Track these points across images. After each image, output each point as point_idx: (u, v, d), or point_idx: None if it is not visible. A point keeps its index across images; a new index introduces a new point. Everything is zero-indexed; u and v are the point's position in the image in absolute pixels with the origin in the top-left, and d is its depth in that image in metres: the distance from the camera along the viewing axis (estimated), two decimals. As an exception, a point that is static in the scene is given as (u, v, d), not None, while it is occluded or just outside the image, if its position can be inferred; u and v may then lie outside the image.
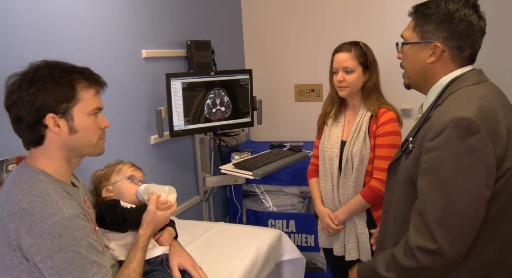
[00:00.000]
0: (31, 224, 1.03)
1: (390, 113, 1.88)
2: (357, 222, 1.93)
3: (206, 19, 2.85)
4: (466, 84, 1.19)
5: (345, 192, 1.93)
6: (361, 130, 1.90)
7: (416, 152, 1.18)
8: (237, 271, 1.77)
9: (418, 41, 1.24)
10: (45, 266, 1.03)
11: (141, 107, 2.26)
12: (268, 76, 3.26)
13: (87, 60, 1.86)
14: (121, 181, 1.46)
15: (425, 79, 1.27)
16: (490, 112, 1.12)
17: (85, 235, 1.08)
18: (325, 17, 3.05)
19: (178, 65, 2.56)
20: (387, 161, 1.51)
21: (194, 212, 2.73)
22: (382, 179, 1.76)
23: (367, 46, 1.92)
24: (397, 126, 1.87)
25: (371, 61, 1.90)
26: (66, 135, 1.14)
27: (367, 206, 1.90)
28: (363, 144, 1.88)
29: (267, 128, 3.29)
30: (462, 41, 1.19)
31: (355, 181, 1.90)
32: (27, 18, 1.61)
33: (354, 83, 1.89)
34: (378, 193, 1.83)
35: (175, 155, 2.57)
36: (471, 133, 1.07)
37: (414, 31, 1.26)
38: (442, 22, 1.19)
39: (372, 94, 1.91)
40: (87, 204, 1.28)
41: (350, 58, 1.88)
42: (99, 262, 1.09)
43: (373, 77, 1.90)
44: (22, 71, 1.13)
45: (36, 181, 1.10)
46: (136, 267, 1.26)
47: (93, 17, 1.92)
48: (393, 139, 1.85)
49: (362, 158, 1.87)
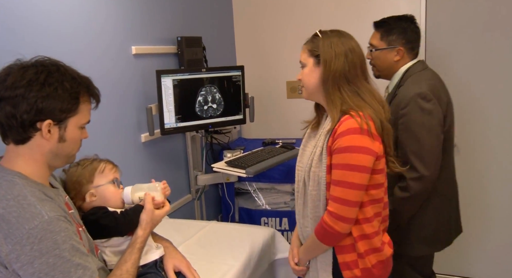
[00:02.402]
0: (7, 231, 0.99)
1: (349, 122, 1.35)
2: (319, 266, 1.49)
3: (197, 15, 2.82)
4: (416, 70, 1.88)
5: (307, 225, 1.51)
6: (319, 144, 1.45)
7: (392, 119, 1.55)
8: (230, 271, 1.75)
9: (387, 47, 1.92)
10: (25, 273, 0.99)
11: (131, 104, 2.22)
12: (260, 73, 3.24)
13: (73, 56, 1.83)
14: (105, 185, 1.37)
15: (390, 70, 1.95)
16: (435, 87, 1.81)
17: (67, 237, 1.03)
18: (317, 12, 3.02)
19: (169, 61, 2.52)
20: (340, 187, 1.34)
21: (186, 211, 2.70)
22: (333, 212, 1.36)
23: (327, 34, 1.48)
24: (356, 139, 1.34)
25: (322, 48, 1.44)
26: (55, 142, 1.12)
27: (322, 246, 1.44)
28: (318, 163, 1.43)
29: (259, 126, 3.26)
30: (413, 44, 1.93)
31: (312, 211, 1.46)
32: (12, 12, 1.56)
33: (306, 80, 1.52)
34: (327, 229, 1.37)
35: (166, 153, 2.54)
36: (427, 100, 1.74)
37: (382, 40, 1.94)
38: (401, 33, 1.90)
39: (333, 90, 1.42)
40: (70, 205, 1.24)
41: (303, 51, 1.54)
42: (83, 265, 1.05)
43: (330, 67, 1.41)
44: (23, 62, 1.10)
45: (11, 184, 1.06)
46: (130, 268, 1.23)
47: (79, 11, 1.87)
48: (348, 157, 1.34)
49: (318, 182, 1.42)
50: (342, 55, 1.41)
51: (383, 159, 1.43)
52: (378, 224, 1.45)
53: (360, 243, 1.41)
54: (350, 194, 1.34)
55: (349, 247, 1.43)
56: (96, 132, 1.96)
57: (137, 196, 1.36)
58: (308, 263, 1.57)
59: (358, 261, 1.43)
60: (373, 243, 1.43)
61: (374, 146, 1.36)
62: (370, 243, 1.42)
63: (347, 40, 1.46)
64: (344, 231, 1.38)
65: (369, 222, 1.42)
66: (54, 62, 1.13)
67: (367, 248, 1.42)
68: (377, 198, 1.43)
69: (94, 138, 1.93)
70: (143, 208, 1.33)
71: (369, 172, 1.36)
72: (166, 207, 1.39)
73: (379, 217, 1.46)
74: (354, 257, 1.43)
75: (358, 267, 1.43)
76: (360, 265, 1.43)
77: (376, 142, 1.37)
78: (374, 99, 1.44)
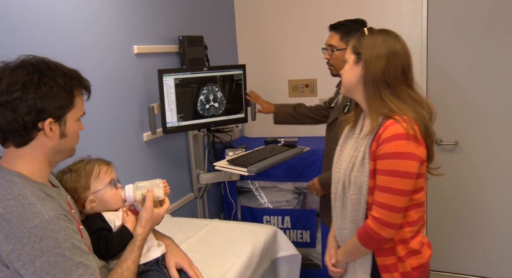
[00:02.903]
0: (8, 230, 1.00)
1: (395, 127, 1.34)
2: (358, 268, 1.49)
3: (199, 14, 2.82)
4: None
5: (345, 227, 1.50)
6: (360, 148, 1.43)
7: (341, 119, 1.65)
8: (232, 269, 1.75)
9: (346, 47, 1.59)
10: (27, 271, 1.00)
11: (133, 103, 2.23)
12: (262, 72, 3.24)
13: (77, 56, 1.85)
14: (103, 189, 1.36)
15: None
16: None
17: (68, 236, 1.04)
18: (319, 11, 3.02)
19: (171, 61, 2.53)
20: (387, 194, 1.34)
21: (188, 210, 2.71)
22: (380, 218, 1.35)
23: (373, 33, 1.45)
24: (402, 145, 1.32)
25: (364, 47, 1.42)
26: (57, 139, 1.13)
27: (364, 250, 1.45)
28: (360, 167, 1.41)
29: (262, 124, 3.27)
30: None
31: (351, 215, 1.45)
32: (15, 12, 1.57)
33: (344, 77, 1.49)
34: (373, 235, 1.38)
35: (168, 152, 2.55)
36: None
37: (341, 40, 2.02)
38: (358, 35, 1.63)
39: (374, 93, 1.39)
40: (71, 204, 1.25)
41: (348, 47, 1.54)
42: (84, 263, 1.06)
43: (370, 68, 1.39)
44: (10, 64, 1.09)
45: (11, 184, 1.06)
46: (131, 265, 1.24)
47: (82, 11, 1.88)
48: (394, 163, 1.33)
49: (359, 187, 1.41)
50: (383, 57, 1.37)
51: (425, 163, 1.41)
52: (418, 227, 1.45)
53: (400, 247, 1.42)
54: (396, 201, 1.34)
55: (389, 250, 1.43)
56: (98, 131, 1.97)
57: (139, 194, 1.37)
58: (346, 265, 1.56)
59: (397, 265, 1.43)
60: (411, 246, 1.43)
61: (419, 151, 1.34)
62: (408, 247, 1.43)
63: (392, 42, 1.40)
64: (389, 236, 1.38)
65: (411, 226, 1.42)
66: (41, 60, 1.12)
67: (407, 251, 1.43)
68: (419, 202, 1.42)
69: (96, 137, 1.95)
70: (143, 206, 1.34)
71: (415, 178, 1.35)
72: (166, 204, 1.40)
73: (422, 221, 1.46)
74: (394, 260, 1.43)
75: (398, 271, 1.43)
76: (399, 268, 1.43)
77: (421, 146, 1.35)
78: (416, 104, 1.40)
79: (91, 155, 1.43)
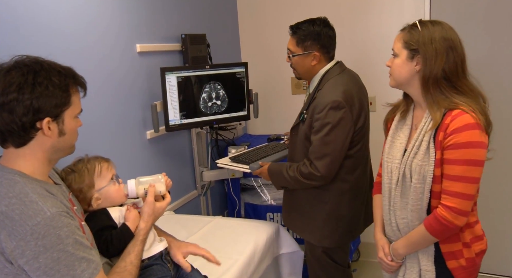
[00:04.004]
0: (12, 228, 1.01)
1: (464, 117, 1.34)
2: (421, 257, 1.49)
3: (201, 13, 2.83)
4: (334, 74, 1.94)
5: (404, 216, 1.50)
6: (423, 138, 1.43)
7: (309, 120, 1.89)
8: (235, 265, 1.77)
9: (303, 53, 1.95)
10: (31, 267, 1.02)
11: (136, 102, 2.25)
12: (264, 69, 3.25)
13: (80, 55, 1.86)
14: (107, 186, 1.39)
15: (310, 74, 2.01)
16: (349, 93, 1.87)
17: (70, 232, 1.06)
18: (321, 8, 3.02)
19: (173, 59, 2.54)
20: (462, 183, 1.35)
21: (192, 207, 2.73)
22: (454, 207, 1.36)
23: (427, 27, 1.41)
24: (475, 134, 1.34)
25: (422, 44, 1.39)
26: (56, 137, 1.14)
27: (433, 240, 1.44)
28: (424, 157, 1.41)
29: (265, 122, 3.28)
30: (328, 47, 1.96)
31: (414, 204, 1.45)
32: (17, 12, 1.59)
33: (396, 71, 1.48)
34: (447, 225, 1.38)
35: (171, 150, 2.56)
36: (339, 108, 1.82)
37: (298, 46, 1.97)
38: (315, 39, 1.93)
39: (434, 89, 1.40)
40: (74, 201, 1.27)
41: (397, 40, 1.48)
42: (87, 258, 1.08)
43: (430, 66, 1.39)
44: (4, 65, 1.10)
45: (12, 182, 1.08)
46: (134, 259, 1.26)
47: (85, 11, 1.90)
48: (469, 153, 1.34)
49: (423, 176, 1.41)
50: (443, 54, 1.37)
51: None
52: (476, 212, 1.50)
53: (466, 232, 1.45)
54: (471, 189, 1.36)
55: (455, 237, 1.44)
56: (102, 129, 1.99)
57: (141, 188, 1.39)
58: (404, 258, 1.54)
59: (463, 251, 1.45)
60: (475, 231, 1.47)
61: (486, 139, 1.38)
62: (473, 232, 1.46)
63: (449, 34, 1.39)
64: (462, 224, 1.39)
65: (473, 211, 1.45)
66: (35, 60, 1.13)
67: (472, 236, 1.46)
68: (478, 189, 1.45)
69: (100, 135, 1.97)
70: (145, 201, 1.36)
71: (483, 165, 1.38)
72: (167, 199, 1.42)
73: (476, 206, 1.50)
74: (460, 246, 1.45)
75: (464, 257, 1.45)
76: (465, 254, 1.45)
77: (486, 135, 1.39)
78: (475, 95, 1.41)
79: (88, 154, 1.45)
